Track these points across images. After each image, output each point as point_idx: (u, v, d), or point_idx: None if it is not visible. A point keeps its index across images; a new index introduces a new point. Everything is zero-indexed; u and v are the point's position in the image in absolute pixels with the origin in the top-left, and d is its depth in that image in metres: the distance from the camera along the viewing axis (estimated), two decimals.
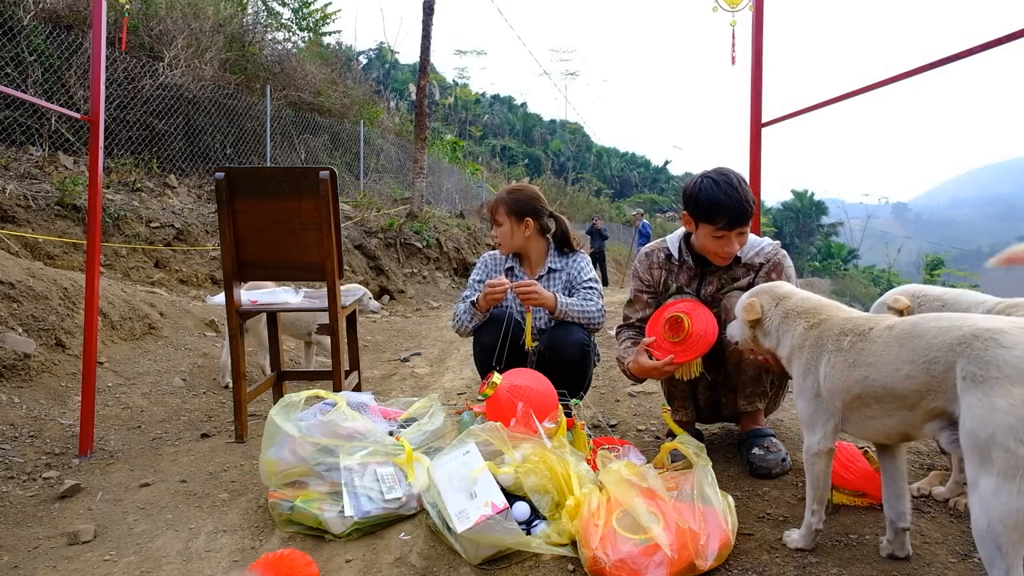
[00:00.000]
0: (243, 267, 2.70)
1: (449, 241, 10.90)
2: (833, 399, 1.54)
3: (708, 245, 2.20)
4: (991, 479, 1.15)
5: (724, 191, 2.11)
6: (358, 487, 1.88)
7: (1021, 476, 1.12)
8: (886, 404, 1.43)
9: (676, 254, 2.35)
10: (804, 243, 48.31)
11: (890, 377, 1.39)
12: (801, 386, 1.62)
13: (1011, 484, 1.13)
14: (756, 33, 2.81)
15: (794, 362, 1.66)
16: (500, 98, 51.02)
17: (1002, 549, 1.14)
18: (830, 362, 1.53)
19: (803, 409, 1.62)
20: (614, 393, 3.53)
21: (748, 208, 2.13)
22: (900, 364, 1.37)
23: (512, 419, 2.04)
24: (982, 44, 1.96)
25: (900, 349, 1.38)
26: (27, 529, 2.02)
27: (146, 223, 6.44)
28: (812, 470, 1.61)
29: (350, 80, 13.46)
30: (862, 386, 1.45)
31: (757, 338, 1.78)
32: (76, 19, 7.21)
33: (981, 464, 1.18)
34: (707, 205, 2.13)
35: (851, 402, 1.50)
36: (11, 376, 3.21)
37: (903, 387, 1.37)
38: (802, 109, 2.68)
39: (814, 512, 1.63)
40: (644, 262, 2.43)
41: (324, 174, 2.53)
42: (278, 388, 3.13)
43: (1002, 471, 1.14)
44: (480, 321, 2.61)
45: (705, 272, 2.32)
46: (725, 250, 2.18)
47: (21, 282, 3.69)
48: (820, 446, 1.58)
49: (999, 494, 1.14)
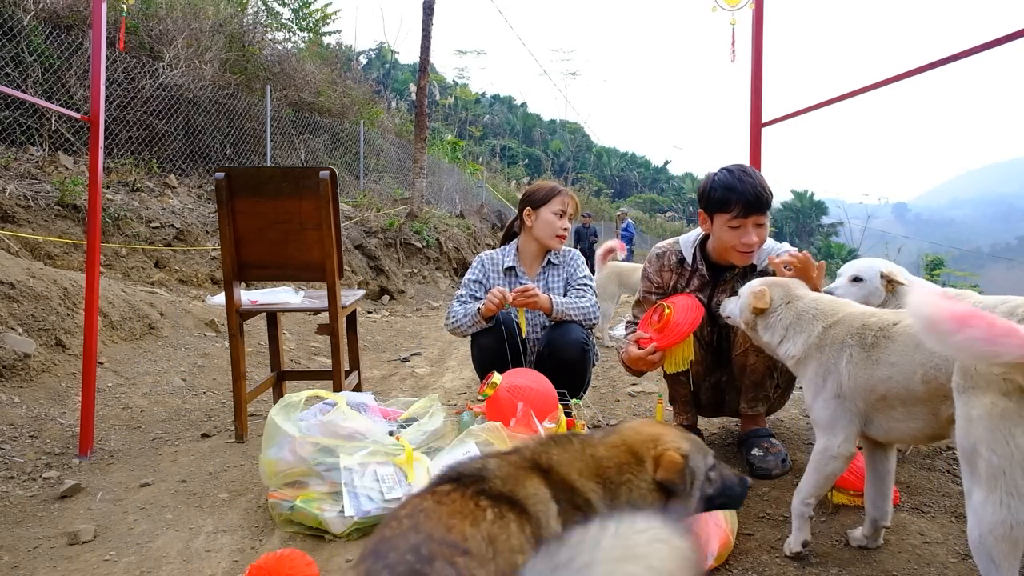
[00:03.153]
0: (243, 267, 2.70)
1: (449, 241, 10.90)
2: (855, 399, 1.47)
3: (725, 238, 2.10)
4: (980, 491, 1.14)
5: (737, 177, 2.06)
6: (358, 487, 1.88)
7: (1002, 486, 1.10)
8: (911, 407, 1.37)
9: (690, 259, 2.27)
10: (804, 243, 48.28)
11: (910, 379, 1.34)
12: (820, 387, 1.55)
13: (994, 495, 1.11)
14: (756, 33, 2.81)
15: (810, 363, 1.59)
16: (500, 98, 51.03)
17: (996, 561, 1.12)
18: (852, 358, 1.47)
19: (821, 411, 1.55)
20: (614, 393, 3.53)
21: (764, 194, 2.04)
22: (916, 367, 1.33)
23: (512, 419, 2.04)
24: (982, 44, 1.96)
25: (916, 351, 1.33)
26: (27, 529, 2.02)
27: (146, 223, 6.44)
28: (824, 470, 1.54)
29: (350, 80, 13.45)
30: (886, 386, 1.40)
31: (757, 327, 1.72)
32: (76, 19, 7.21)
33: (971, 475, 1.17)
34: (721, 193, 2.06)
35: (876, 403, 1.44)
36: (11, 376, 3.21)
37: (922, 391, 1.32)
38: (802, 109, 2.68)
39: (808, 504, 1.58)
40: (655, 263, 2.36)
41: (324, 174, 2.53)
42: (278, 388, 3.13)
43: (986, 482, 1.13)
44: (481, 328, 2.60)
45: (718, 281, 2.24)
46: (743, 241, 2.06)
47: (21, 282, 3.69)
48: (841, 449, 1.51)
49: (986, 505, 1.12)
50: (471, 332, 2.62)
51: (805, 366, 1.61)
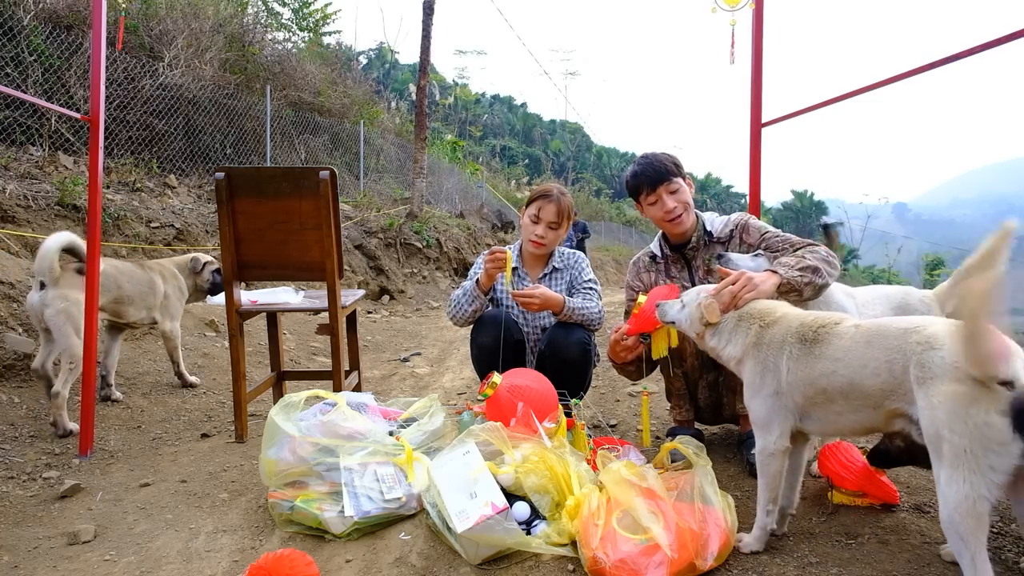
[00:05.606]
0: (243, 267, 2.70)
1: (449, 241, 10.89)
2: (794, 394, 1.57)
3: (654, 215, 2.34)
4: (945, 471, 1.23)
5: (637, 163, 2.36)
6: (358, 487, 1.88)
7: (965, 464, 1.20)
8: (852, 400, 1.47)
9: (658, 251, 2.46)
10: None
11: (857, 373, 1.44)
12: (758, 385, 1.64)
13: (957, 472, 1.21)
14: (756, 33, 2.81)
15: (748, 362, 1.67)
16: (500, 98, 51.03)
17: (964, 538, 1.20)
18: (792, 355, 1.57)
19: (758, 409, 1.64)
20: (614, 393, 3.53)
21: (663, 165, 2.29)
22: (867, 361, 1.42)
23: (512, 419, 2.04)
24: (982, 44, 1.96)
25: (867, 347, 1.43)
26: (27, 529, 2.02)
27: (146, 223, 6.43)
28: (767, 471, 1.63)
29: (350, 80, 13.44)
30: (828, 380, 1.49)
31: (704, 335, 1.81)
32: (76, 19, 7.20)
33: (938, 459, 1.26)
34: (631, 181, 2.36)
35: (815, 396, 1.53)
36: (11, 376, 3.21)
37: (870, 384, 1.42)
38: (802, 109, 2.68)
39: (768, 512, 1.65)
40: (632, 270, 2.55)
41: (324, 174, 2.53)
42: (278, 388, 3.13)
43: (950, 462, 1.22)
44: (480, 304, 2.59)
45: (690, 260, 2.40)
46: (664, 211, 2.29)
47: (21, 282, 3.69)
48: (776, 446, 1.61)
49: (951, 484, 1.21)
50: (470, 310, 2.60)
51: (744, 365, 1.70)
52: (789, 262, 1.94)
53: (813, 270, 1.91)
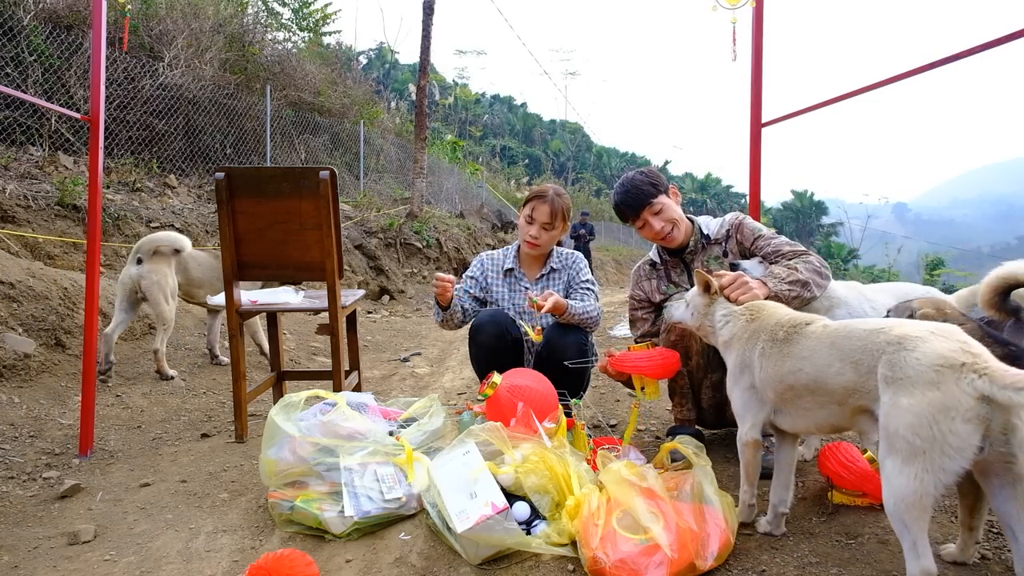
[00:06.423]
0: (243, 267, 2.70)
1: (449, 241, 10.89)
2: (765, 389, 1.64)
3: (647, 237, 2.43)
4: (893, 461, 1.28)
5: (617, 192, 2.41)
6: (358, 487, 1.88)
7: (919, 463, 1.24)
8: (818, 397, 1.52)
9: (657, 259, 2.53)
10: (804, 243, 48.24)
11: (822, 372, 1.49)
12: (737, 378, 1.74)
13: (910, 467, 1.25)
14: (756, 32, 2.81)
15: (732, 353, 1.77)
16: (500, 98, 51.01)
17: (908, 525, 1.27)
18: (764, 352, 1.64)
19: (737, 400, 1.74)
20: (614, 393, 3.53)
21: (639, 190, 2.33)
22: (832, 361, 1.47)
23: (512, 419, 2.04)
24: (982, 44, 1.96)
25: (832, 348, 1.48)
26: (27, 529, 2.02)
27: (146, 223, 6.43)
28: (743, 458, 1.74)
29: (350, 80, 13.44)
30: (795, 377, 1.55)
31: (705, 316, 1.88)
32: (76, 19, 7.20)
33: (888, 450, 1.29)
34: (617, 211, 2.44)
35: (784, 393, 1.59)
36: (11, 376, 3.21)
37: (834, 383, 1.46)
38: (802, 109, 2.68)
39: (746, 491, 1.77)
40: (633, 279, 2.61)
41: (324, 174, 2.53)
42: (278, 388, 3.13)
43: (904, 456, 1.26)
44: (448, 314, 2.62)
45: (688, 264, 2.46)
46: (654, 232, 2.37)
47: (21, 282, 3.69)
48: (747, 436, 1.70)
49: (901, 475, 1.26)
50: (438, 321, 2.67)
51: (728, 355, 1.80)
52: (780, 274, 2.02)
53: (802, 284, 2.00)
